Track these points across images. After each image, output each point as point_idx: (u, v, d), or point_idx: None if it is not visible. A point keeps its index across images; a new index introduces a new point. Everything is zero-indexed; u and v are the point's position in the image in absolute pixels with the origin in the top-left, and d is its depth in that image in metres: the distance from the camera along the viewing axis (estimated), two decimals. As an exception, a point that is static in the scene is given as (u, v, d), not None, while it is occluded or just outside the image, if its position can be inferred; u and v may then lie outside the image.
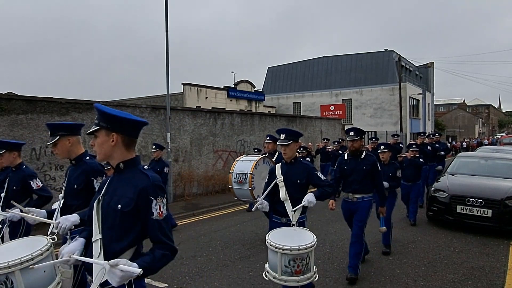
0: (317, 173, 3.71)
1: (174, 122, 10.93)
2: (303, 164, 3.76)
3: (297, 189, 3.64)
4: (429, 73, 38.88)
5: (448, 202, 7.04)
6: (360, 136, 4.79)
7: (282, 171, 3.70)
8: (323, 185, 3.67)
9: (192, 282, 4.71)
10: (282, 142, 3.66)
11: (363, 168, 4.67)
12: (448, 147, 11.60)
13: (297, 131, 3.76)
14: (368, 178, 4.71)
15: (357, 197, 4.70)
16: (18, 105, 7.74)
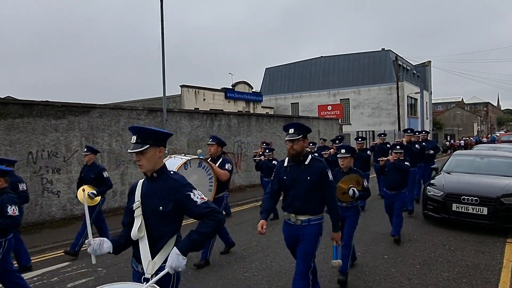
0: (190, 194, 2.27)
1: (171, 124, 10.94)
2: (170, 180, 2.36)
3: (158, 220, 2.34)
4: (426, 72, 38.94)
5: (443, 200, 7.07)
6: (304, 135, 3.44)
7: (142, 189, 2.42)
8: (202, 214, 2.23)
9: (187, 283, 4.73)
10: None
11: (307, 179, 3.41)
12: (437, 145, 10.44)
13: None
14: (315, 192, 3.47)
15: (302, 220, 3.47)
16: (15, 109, 7.76)
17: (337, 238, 3.71)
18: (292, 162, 3.54)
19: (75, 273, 5.30)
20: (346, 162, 4.71)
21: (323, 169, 3.47)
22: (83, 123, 8.82)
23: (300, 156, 3.48)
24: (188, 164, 5.07)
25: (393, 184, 6.37)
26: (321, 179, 3.45)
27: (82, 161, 8.78)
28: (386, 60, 31.84)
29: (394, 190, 6.35)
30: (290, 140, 3.39)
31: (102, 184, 6.26)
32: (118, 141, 9.52)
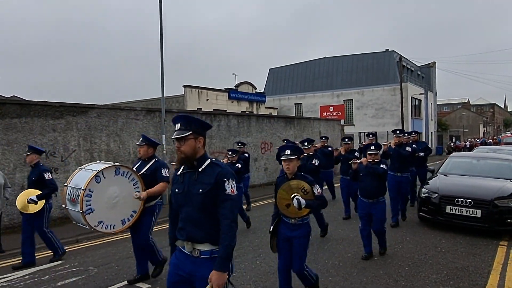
0: None
1: (170, 125, 11.00)
2: None
3: None
4: (431, 73, 38.72)
5: (438, 202, 7.04)
6: (195, 131, 2.51)
7: None
8: None
9: (175, 283, 4.76)
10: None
11: (198, 192, 2.45)
12: (428, 146, 9.74)
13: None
14: (209, 211, 2.48)
15: (201, 250, 2.47)
16: (13, 109, 7.86)
17: (217, 281, 2.29)
18: (187, 169, 2.59)
19: (66, 272, 5.36)
20: (292, 165, 3.78)
21: (220, 176, 2.46)
22: (81, 123, 8.91)
23: (192, 160, 2.52)
24: (100, 176, 4.37)
25: (368, 191, 5.49)
26: (216, 191, 2.45)
27: (80, 161, 8.89)
28: (390, 61, 31.71)
29: (370, 198, 5.47)
30: (177, 138, 2.50)
31: (45, 187, 5.62)
32: (116, 141, 9.60)
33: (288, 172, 3.85)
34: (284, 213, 3.86)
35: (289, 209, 3.79)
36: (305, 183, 3.80)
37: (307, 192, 3.76)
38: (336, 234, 6.99)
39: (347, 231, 7.17)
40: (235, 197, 2.51)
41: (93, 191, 4.32)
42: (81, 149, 8.91)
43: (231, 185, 2.49)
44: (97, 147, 9.21)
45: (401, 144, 7.83)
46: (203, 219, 2.48)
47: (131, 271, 5.24)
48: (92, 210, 4.32)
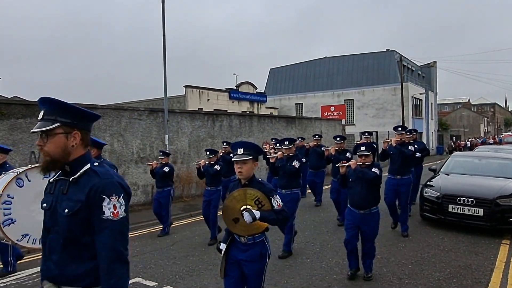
0: None
1: (172, 125, 11.07)
2: None
3: None
4: (432, 72, 38.75)
5: (440, 201, 7.09)
6: (64, 122, 1.80)
7: None
8: None
9: (181, 281, 4.83)
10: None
11: (64, 213, 1.73)
12: (426, 147, 9.03)
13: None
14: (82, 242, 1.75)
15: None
16: (17, 110, 7.92)
17: None
18: (62, 175, 1.86)
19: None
20: (246, 168, 2.94)
21: (95, 191, 1.71)
22: (85, 124, 8.95)
23: (59, 163, 1.79)
24: (22, 179, 3.49)
25: (358, 200, 4.68)
26: (88, 213, 1.71)
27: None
28: (391, 61, 31.74)
29: (361, 209, 4.67)
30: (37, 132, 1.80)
31: None
32: (119, 141, 9.65)
33: (241, 177, 2.99)
34: (230, 229, 3.00)
35: (238, 225, 2.93)
36: (259, 192, 2.93)
37: (262, 205, 2.91)
38: (340, 232, 7.03)
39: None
40: (119, 222, 1.71)
41: (13, 197, 3.43)
42: (85, 149, 8.95)
43: (114, 204, 1.72)
44: (100, 147, 9.25)
45: (403, 143, 6.93)
46: (72, 252, 1.72)
47: (137, 269, 5.30)
48: (13, 220, 3.42)
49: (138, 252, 6.16)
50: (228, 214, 2.99)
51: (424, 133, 34.81)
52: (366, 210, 4.67)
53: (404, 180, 6.88)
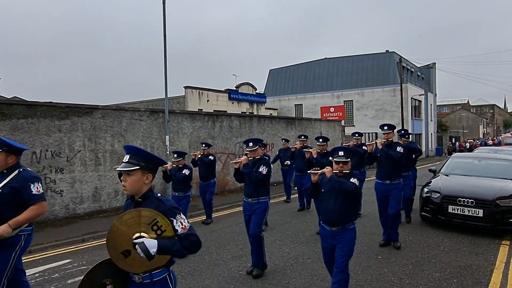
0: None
1: (173, 125, 11.09)
2: None
3: None
4: (431, 74, 38.83)
5: (440, 202, 7.13)
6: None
7: None
8: None
9: (183, 281, 4.85)
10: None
11: None
12: (417, 147, 7.91)
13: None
14: None
15: None
16: (19, 110, 7.94)
17: None
18: None
19: (75, 270, 5.44)
20: (130, 182, 2.26)
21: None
22: (86, 124, 8.98)
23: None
24: None
25: (332, 216, 3.92)
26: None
27: (85, 161, 8.97)
28: (390, 62, 31.80)
29: (334, 226, 3.92)
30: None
31: None
32: (120, 142, 9.67)
33: (126, 192, 2.31)
34: (119, 265, 2.23)
35: (129, 259, 2.19)
36: (160, 216, 2.21)
37: (162, 231, 2.20)
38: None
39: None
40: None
41: None
42: (86, 149, 8.99)
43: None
44: (101, 148, 9.28)
45: (391, 144, 6.18)
46: None
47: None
48: None
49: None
50: (115, 245, 2.20)
51: (423, 134, 34.87)
52: (339, 227, 3.90)
53: (394, 185, 6.11)
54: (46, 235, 7.34)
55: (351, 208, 3.94)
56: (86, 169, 8.96)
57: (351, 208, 3.95)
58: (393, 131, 6.26)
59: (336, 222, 3.89)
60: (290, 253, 5.94)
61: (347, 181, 3.85)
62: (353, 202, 3.95)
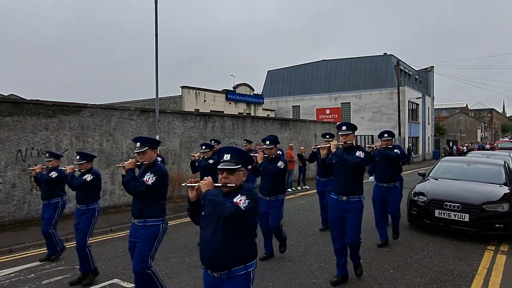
0: None
1: (164, 125, 11.03)
2: None
3: None
4: (429, 77, 38.81)
5: (426, 206, 7.07)
6: None
7: None
8: None
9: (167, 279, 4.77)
10: None
11: None
12: (404, 152, 7.02)
13: None
14: None
15: None
16: (5, 107, 7.87)
17: None
18: None
19: (52, 271, 5.37)
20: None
21: None
22: (74, 122, 8.92)
23: None
24: None
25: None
26: None
27: (72, 160, 8.88)
28: (388, 65, 31.79)
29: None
30: None
31: None
32: (109, 141, 9.61)
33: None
34: None
35: None
36: None
37: None
38: (325, 236, 6.99)
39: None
40: None
41: None
42: (73, 148, 8.92)
43: None
44: (89, 146, 9.22)
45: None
46: None
47: (117, 271, 5.26)
48: None
49: (120, 253, 6.12)
50: None
51: (420, 137, 34.83)
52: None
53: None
54: (29, 234, 7.27)
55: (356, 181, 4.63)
56: (73, 168, 8.89)
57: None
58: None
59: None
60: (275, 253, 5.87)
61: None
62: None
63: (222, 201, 2.51)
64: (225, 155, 2.69)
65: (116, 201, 9.85)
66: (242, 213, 2.45)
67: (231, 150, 2.73)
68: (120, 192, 9.82)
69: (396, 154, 6.33)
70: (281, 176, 5.57)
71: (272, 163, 5.47)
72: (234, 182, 2.58)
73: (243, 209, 2.45)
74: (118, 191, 9.75)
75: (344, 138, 4.71)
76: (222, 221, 2.52)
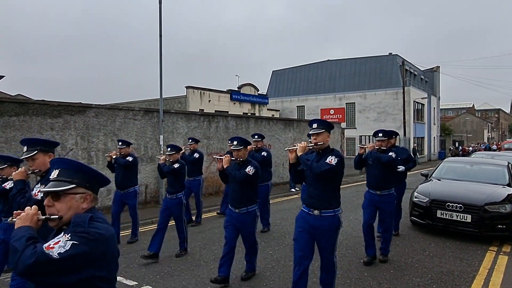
0: None
1: (168, 125, 11.11)
2: None
3: None
4: (435, 77, 38.62)
5: (428, 206, 7.07)
6: None
7: None
8: None
9: (161, 281, 4.85)
10: None
11: None
12: (411, 155, 7.12)
13: None
14: None
15: None
16: (11, 108, 7.99)
17: None
18: None
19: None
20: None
21: None
22: (79, 122, 9.03)
23: None
24: None
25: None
26: None
27: (78, 160, 8.99)
28: (393, 65, 31.68)
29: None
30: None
31: None
32: (113, 141, 9.69)
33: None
34: None
35: None
36: None
37: None
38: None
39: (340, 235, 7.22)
40: None
41: None
42: (78, 147, 9.03)
43: None
44: (94, 146, 9.32)
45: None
46: None
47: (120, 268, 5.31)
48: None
49: (124, 251, 6.19)
50: None
51: (426, 138, 34.67)
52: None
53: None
54: (35, 233, 7.37)
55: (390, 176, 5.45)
56: (78, 167, 9.00)
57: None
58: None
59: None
60: (273, 255, 5.92)
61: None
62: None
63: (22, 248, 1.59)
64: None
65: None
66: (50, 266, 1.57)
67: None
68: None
69: (388, 158, 5.35)
70: (250, 184, 4.57)
71: (241, 169, 4.57)
72: (61, 213, 1.76)
73: (55, 257, 1.56)
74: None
75: (314, 139, 3.84)
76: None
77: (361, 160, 5.76)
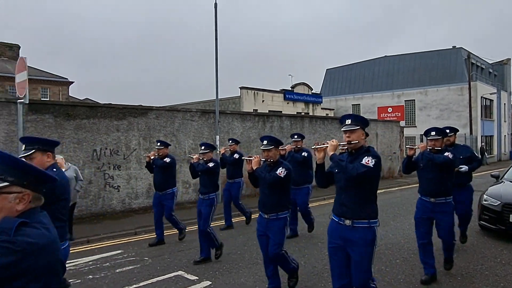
0: None
1: (223, 126, 11.38)
2: None
3: None
4: (505, 70, 35.66)
5: (500, 210, 6.55)
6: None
7: None
8: None
9: (220, 277, 4.98)
10: None
11: None
12: (474, 154, 6.11)
13: None
14: None
15: None
16: (82, 111, 8.66)
17: None
18: None
19: (124, 261, 5.82)
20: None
21: None
22: (141, 124, 9.55)
23: None
24: None
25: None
26: None
27: (140, 159, 9.53)
28: (457, 59, 29.77)
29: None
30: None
31: None
32: (172, 141, 10.13)
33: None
34: None
35: None
36: None
37: None
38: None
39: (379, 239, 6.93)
40: None
41: None
42: (141, 148, 9.55)
43: None
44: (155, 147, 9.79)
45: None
46: None
47: (181, 263, 5.56)
48: None
49: (184, 247, 6.45)
50: None
51: (495, 136, 32.14)
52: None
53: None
54: (104, 227, 7.93)
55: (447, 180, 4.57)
56: (141, 166, 9.52)
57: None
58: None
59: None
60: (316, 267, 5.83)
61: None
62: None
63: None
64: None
65: (178, 199, 10.34)
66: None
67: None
68: (183, 190, 10.31)
69: (444, 159, 4.52)
70: (281, 187, 4.17)
71: (271, 171, 4.20)
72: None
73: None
74: (181, 189, 10.25)
75: (347, 136, 3.31)
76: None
77: (410, 162, 4.87)
